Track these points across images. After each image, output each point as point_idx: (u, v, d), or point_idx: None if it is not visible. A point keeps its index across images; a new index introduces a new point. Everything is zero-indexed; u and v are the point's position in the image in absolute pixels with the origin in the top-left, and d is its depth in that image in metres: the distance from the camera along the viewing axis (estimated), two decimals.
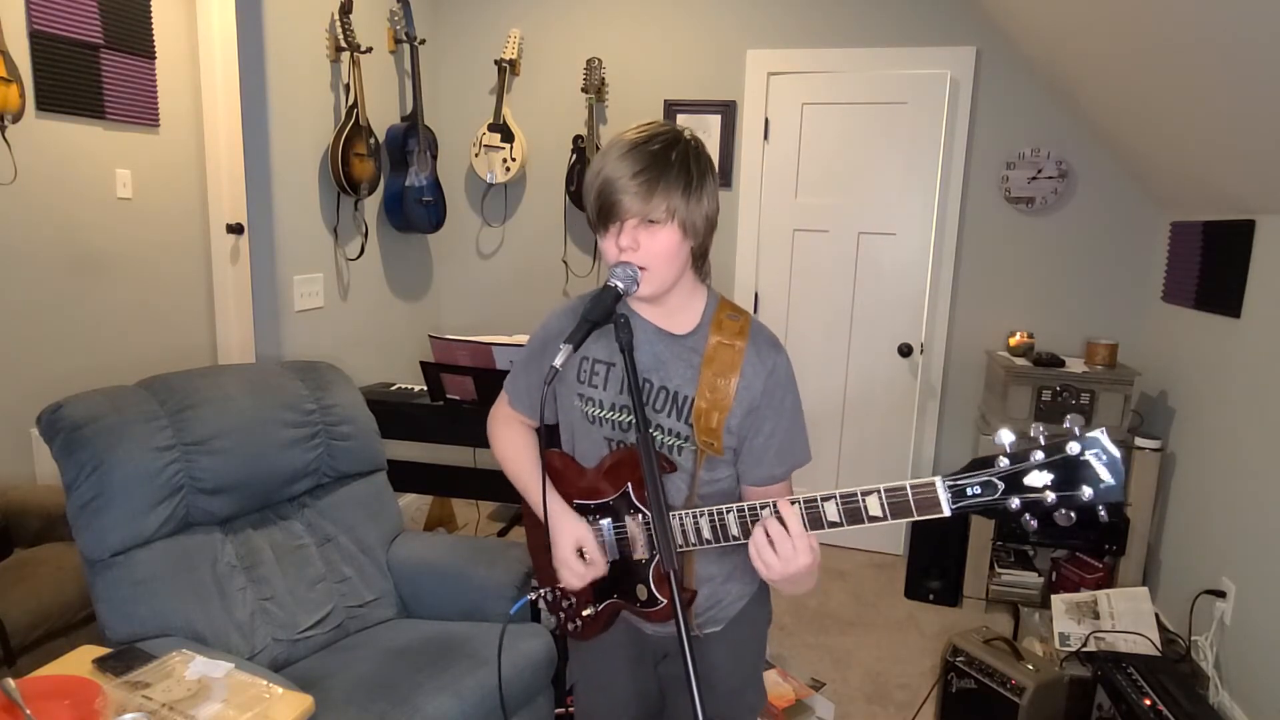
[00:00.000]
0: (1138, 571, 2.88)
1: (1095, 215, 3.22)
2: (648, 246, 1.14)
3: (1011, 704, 2.17)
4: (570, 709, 2.17)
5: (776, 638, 2.87)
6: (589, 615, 1.36)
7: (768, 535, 1.06)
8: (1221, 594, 2.38)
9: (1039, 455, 0.92)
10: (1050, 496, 0.92)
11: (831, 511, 1.04)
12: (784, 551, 1.04)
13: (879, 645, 2.87)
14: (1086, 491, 0.90)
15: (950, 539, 3.11)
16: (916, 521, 1.00)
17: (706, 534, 1.17)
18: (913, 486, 0.99)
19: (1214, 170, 2.45)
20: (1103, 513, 0.91)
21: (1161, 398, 2.98)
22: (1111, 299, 3.25)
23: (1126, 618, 2.55)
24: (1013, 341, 3.16)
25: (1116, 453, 0.89)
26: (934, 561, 3.17)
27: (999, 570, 3.05)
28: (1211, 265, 2.65)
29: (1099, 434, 0.90)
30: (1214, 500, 2.54)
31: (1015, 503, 0.93)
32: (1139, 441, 2.84)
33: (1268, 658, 2.17)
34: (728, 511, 1.14)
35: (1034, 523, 0.94)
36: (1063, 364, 3.01)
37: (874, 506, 1.02)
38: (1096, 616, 2.58)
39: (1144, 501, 2.84)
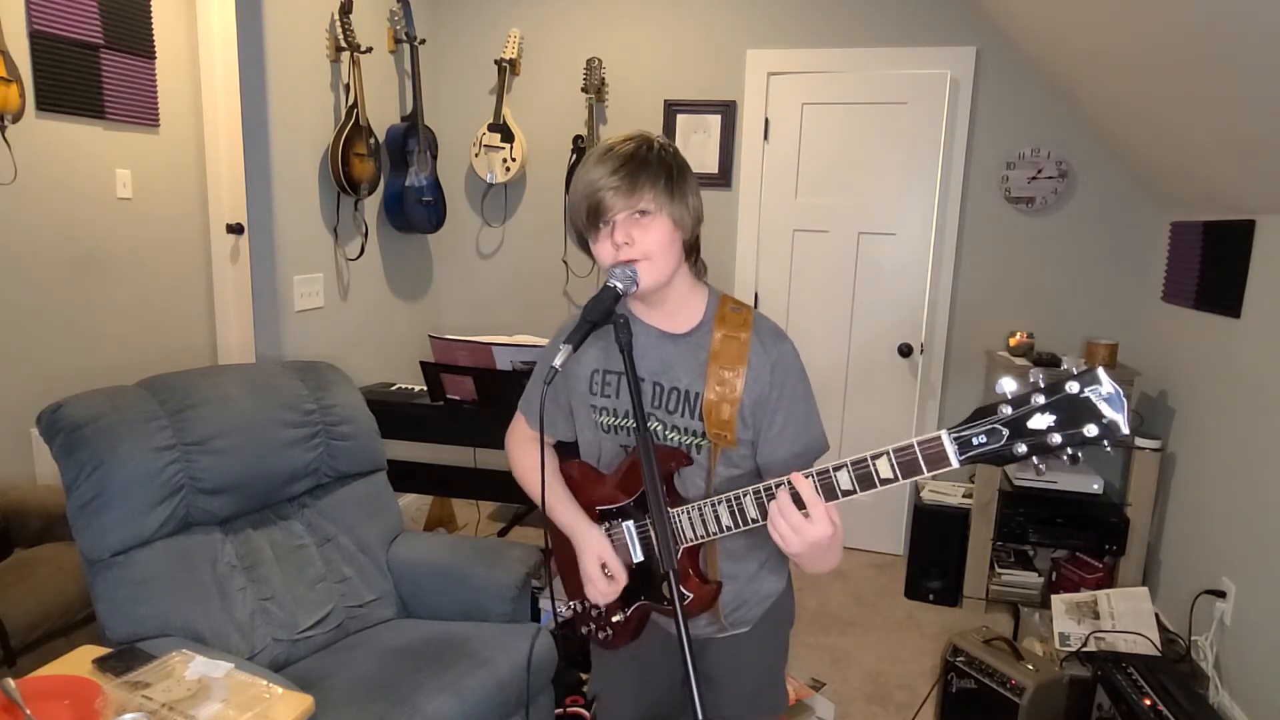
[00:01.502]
0: (1138, 571, 2.88)
1: (1095, 215, 3.22)
2: (642, 240, 1.16)
3: (1011, 704, 2.17)
4: (570, 709, 2.17)
5: None
6: (619, 621, 1.36)
7: (783, 506, 1.06)
8: (1221, 594, 2.38)
9: (1040, 398, 0.92)
10: (1055, 437, 0.92)
11: (844, 480, 1.05)
12: (796, 521, 1.05)
13: (879, 645, 2.87)
14: (1091, 428, 0.90)
15: (950, 539, 3.11)
16: (925, 480, 1.01)
17: (726, 520, 1.17)
18: (920, 443, 0.99)
19: (1214, 170, 2.45)
20: (1107, 446, 0.91)
21: (1161, 398, 2.98)
22: (1111, 299, 3.25)
23: (1126, 618, 2.55)
24: (1013, 341, 3.16)
25: (1116, 388, 0.89)
26: (934, 561, 3.17)
27: (999, 570, 3.05)
28: (1211, 265, 2.64)
29: (1098, 371, 0.90)
30: (1214, 500, 2.54)
31: (1022, 448, 0.93)
32: (1139, 441, 2.84)
33: (1268, 658, 2.17)
34: (745, 495, 1.14)
35: (1042, 466, 0.95)
36: (1062, 364, 3.01)
37: (884, 469, 1.02)
38: (1096, 616, 2.58)
39: (1144, 501, 2.84)
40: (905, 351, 3.47)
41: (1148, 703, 2.03)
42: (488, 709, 1.76)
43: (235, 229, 3.58)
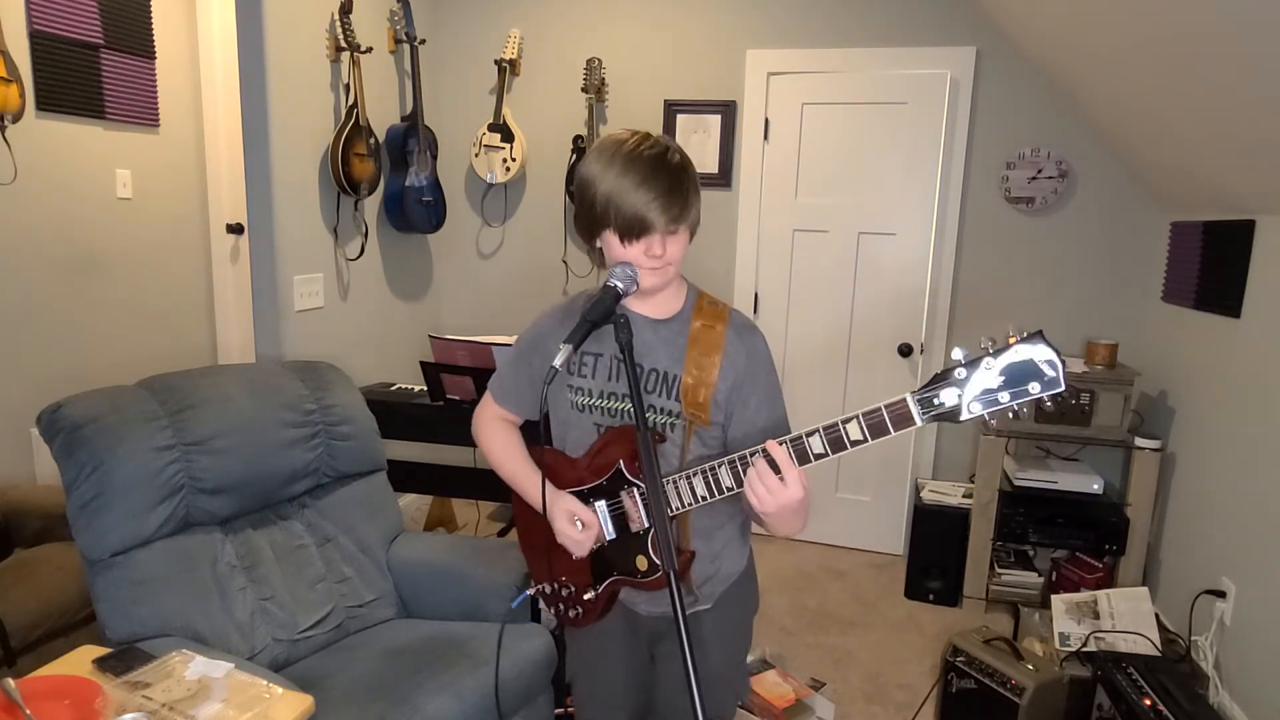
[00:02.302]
0: (1138, 571, 2.88)
1: (1095, 215, 3.22)
2: (672, 250, 1.25)
3: (1011, 704, 2.17)
4: (570, 709, 2.17)
5: (777, 638, 2.87)
6: (590, 599, 1.40)
7: (761, 471, 1.14)
8: (1221, 594, 2.38)
9: (990, 361, 1.05)
10: (1004, 395, 1.04)
11: (817, 444, 1.13)
12: (772, 484, 1.12)
13: (879, 645, 2.87)
14: (1034, 386, 1.03)
15: (950, 539, 3.11)
16: (894, 437, 1.11)
17: (702, 491, 1.25)
18: (886, 406, 1.09)
19: (1214, 170, 2.45)
20: (1049, 404, 1.05)
21: (1161, 398, 2.98)
22: (1111, 299, 3.25)
23: (1126, 618, 2.55)
24: (1012, 341, 3.15)
25: (1055, 349, 1.03)
26: (934, 561, 3.17)
27: (999, 570, 3.05)
28: (1211, 265, 2.64)
29: (1039, 335, 1.04)
30: (1214, 500, 2.54)
31: (976, 406, 1.05)
32: (1139, 441, 2.84)
33: (1268, 658, 2.17)
34: (720, 465, 1.22)
35: (993, 422, 1.07)
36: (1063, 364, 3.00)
37: (854, 431, 1.11)
38: (1096, 616, 2.58)
39: (1144, 501, 2.84)
40: (905, 351, 3.47)
41: (1148, 703, 2.03)
42: (487, 709, 1.76)
43: (235, 229, 3.58)
